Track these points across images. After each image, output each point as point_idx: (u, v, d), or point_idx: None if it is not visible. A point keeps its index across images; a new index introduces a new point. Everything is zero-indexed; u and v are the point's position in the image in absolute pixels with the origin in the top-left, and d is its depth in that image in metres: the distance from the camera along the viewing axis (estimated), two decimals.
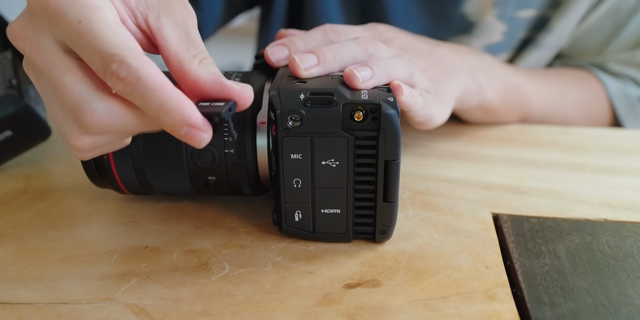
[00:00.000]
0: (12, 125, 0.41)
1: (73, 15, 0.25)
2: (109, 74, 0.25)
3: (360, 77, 0.31)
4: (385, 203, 0.32)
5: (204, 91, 0.27)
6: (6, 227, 0.36)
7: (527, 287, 0.30)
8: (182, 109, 0.25)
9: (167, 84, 0.25)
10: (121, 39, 0.25)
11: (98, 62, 0.25)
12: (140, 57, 0.25)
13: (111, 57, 0.25)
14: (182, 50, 0.27)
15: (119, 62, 0.25)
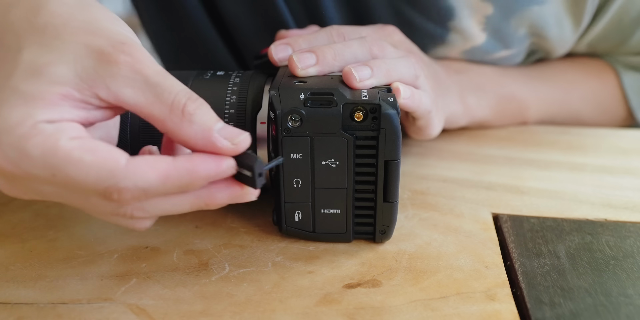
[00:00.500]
0: None
1: (43, 174, 0.23)
2: (116, 201, 0.24)
3: (358, 76, 0.31)
4: (385, 203, 0.32)
5: (197, 150, 0.26)
6: (6, 227, 0.36)
7: (527, 287, 0.30)
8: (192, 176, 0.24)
9: (161, 172, 0.24)
10: (101, 167, 0.23)
11: (96, 196, 0.24)
12: (130, 168, 0.24)
13: (107, 191, 0.24)
14: (154, 107, 0.25)
15: (116, 191, 0.24)
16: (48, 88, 0.24)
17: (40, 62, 0.24)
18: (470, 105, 0.48)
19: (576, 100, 0.53)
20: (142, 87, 0.25)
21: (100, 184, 0.23)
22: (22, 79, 0.24)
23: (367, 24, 0.41)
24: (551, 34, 0.48)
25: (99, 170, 0.23)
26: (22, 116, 0.23)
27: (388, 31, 0.41)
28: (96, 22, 0.26)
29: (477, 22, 0.46)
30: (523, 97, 0.51)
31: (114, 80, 0.24)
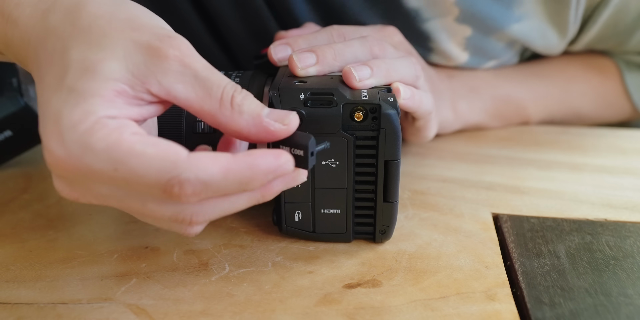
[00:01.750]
0: (12, 125, 0.41)
1: (106, 168, 0.23)
2: (176, 197, 0.24)
3: (357, 76, 0.31)
4: (385, 203, 0.32)
5: (251, 139, 0.26)
6: (6, 227, 0.36)
7: (527, 287, 0.30)
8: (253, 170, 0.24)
9: (222, 166, 0.24)
10: (163, 159, 0.23)
11: (157, 192, 0.24)
12: (191, 161, 0.23)
13: (168, 184, 0.23)
14: (204, 102, 0.25)
15: (177, 184, 0.23)
16: (104, 85, 0.24)
17: (92, 60, 0.24)
18: (461, 111, 0.48)
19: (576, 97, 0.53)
20: (192, 82, 0.25)
21: (162, 177, 0.23)
22: (77, 77, 0.24)
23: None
24: (536, 44, 0.48)
25: (162, 162, 0.23)
26: (84, 113, 0.23)
27: (388, 32, 0.41)
28: (138, 19, 0.26)
29: (457, 44, 0.46)
30: (519, 97, 0.51)
31: (165, 76, 0.24)
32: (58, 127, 0.23)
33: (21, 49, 0.27)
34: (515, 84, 0.51)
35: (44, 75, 0.25)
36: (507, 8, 0.44)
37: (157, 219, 0.26)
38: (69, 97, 0.24)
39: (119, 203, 0.25)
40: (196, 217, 0.25)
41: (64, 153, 0.23)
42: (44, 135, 0.24)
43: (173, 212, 0.25)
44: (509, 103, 0.50)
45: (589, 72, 0.53)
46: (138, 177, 0.23)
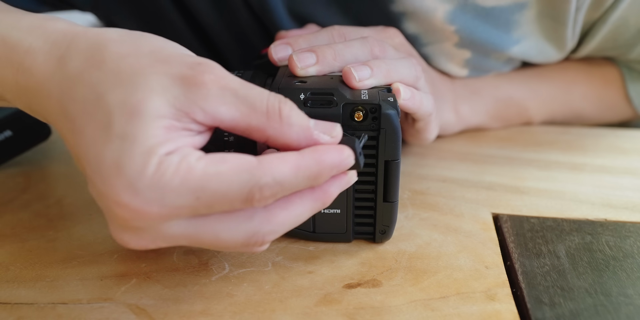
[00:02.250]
0: (12, 125, 0.41)
1: (188, 201, 0.23)
2: (256, 202, 0.24)
3: (357, 76, 0.31)
4: (385, 203, 0.32)
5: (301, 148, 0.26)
6: (6, 227, 0.36)
7: (527, 287, 0.30)
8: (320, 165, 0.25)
9: (293, 164, 0.24)
10: (239, 170, 0.23)
11: (239, 204, 0.24)
12: (264, 164, 0.24)
13: (250, 192, 0.23)
14: (251, 118, 0.25)
15: (258, 190, 0.23)
16: (153, 124, 0.23)
17: (132, 102, 0.23)
18: (463, 114, 0.48)
19: (578, 99, 0.53)
20: (234, 102, 0.24)
21: (244, 188, 0.23)
22: (124, 123, 0.23)
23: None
24: (535, 60, 0.48)
25: (239, 176, 0.23)
26: (145, 156, 0.23)
27: (389, 33, 0.41)
28: (163, 50, 0.25)
29: (456, 64, 0.47)
30: (522, 98, 0.51)
31: (207, 102, 0.24)
32: (125, 179, 0.23)
33: (40, 99, 0.26)
34: (517, 85, 0.51)
35: (82, 129, 0.24)
36: (506, 32, 0.44)
37: (230, 247, 0.25)
38: (123, 145, 0.23)
39: (191, 240, 0.25)
40: (268, 236, 0.25)
41: (141, 202, 0.23)
42: (110, 192, 0.23)
43: (246, 236, 0.25)
44: (511, 104, 0.50)
45: (590, 75, 0.53)
46: (221, 197, 0.23)
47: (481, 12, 0.43)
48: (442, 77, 0.47)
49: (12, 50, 0.26)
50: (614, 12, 0.45)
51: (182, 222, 0.24)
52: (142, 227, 0.24)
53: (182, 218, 0.24)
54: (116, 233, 0.25)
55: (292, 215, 0.26)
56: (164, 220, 0.24)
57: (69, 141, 0.25)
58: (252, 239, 0.25)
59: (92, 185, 0.24)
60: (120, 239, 0.25)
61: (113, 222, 0.25)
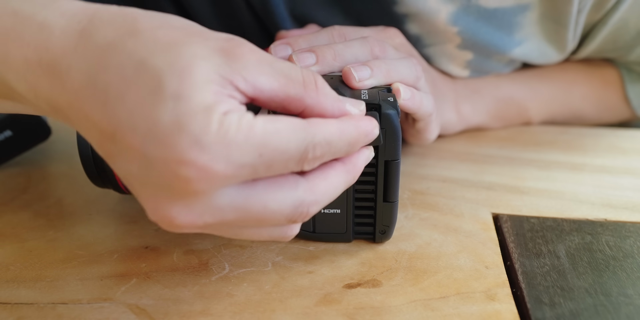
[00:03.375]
0: (12, 125, 0.41)
1: (251, 158, 0.23)
2: (308, 163, 0.24)
3: (357, 76, 0.31)
4: (385, 203, 0.32)
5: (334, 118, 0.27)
6: (6, 227, 0.36)
7: (527, 287, 0.30)
8: (359, 130, 0.26)
9: (337, 126, 0.25)
10: (294, 128, 0.23)
11: (294, 164, 0.24)
12: (313, 124, 0.24)
13: (305, 153, 0.24)
14: (289, 87, 0.25)
15: (312, 148, 0.24)
16: (206, 86, 0.23)
17: (182, 64, 0.23)
18: (464, 113, 0.48)
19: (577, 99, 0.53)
20: (271, 72, 0.24)
21: (301, 146, 0.23)
22: (177, 82, 0.22)
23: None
24: (535, 61, 0.49)
25: (295, 132, 0.23)
26: (205, 115, 0.22)
27: (389, 33, 0.41)
28: (193, 26, 0.25)
29: (457, 65, 0.47)
30: (522, 98, 0.51)
31: (248, 71, 0.24)
32: (190, 136, 0.22)
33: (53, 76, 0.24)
34: (517, 85, 0.51)
35: (121, 96, 0.23)
36: (508, 34, 0.45)
37: (276, 221, 0.25)
38: (180, 105, 0.22)
39: (239, 212, 0.24)
40: (312, 207, 0.25)
41: (208, 158, 0.22)
42: (173, 151, 0.22)
43: (292, 206, 0.25)
44: (511, 104, 0.51)
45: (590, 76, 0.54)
46: (280, 154, 0.23)
47: (484, 13, 0.43)
48: (443, 77, 0.47)
49: (23, 23, 0.25)
50: (615, 14, 0.45)
51: (234, 190, 0.24)
52: (199, 192, 0.23)
53: (238, 183, 0.24)
54: (163, 208, 0.23)
55: (331, 186, 0.26)
56: (226, 182, 0.23)
57: (96, 115, 0.23)
58: (299, 209, 0.25)
59: (138, 155, 0.23)
60: (167, 214, 0.23)
61: (164, 192, 0.23)
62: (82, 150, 0.33)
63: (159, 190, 0.23)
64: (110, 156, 0.24)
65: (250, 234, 0.26)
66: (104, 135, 0.23)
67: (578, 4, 0.43)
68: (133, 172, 0.23)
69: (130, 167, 0.23)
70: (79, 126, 0.25)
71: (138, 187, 0.24)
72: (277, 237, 0.27)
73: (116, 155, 0.23)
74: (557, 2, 0.43)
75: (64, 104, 0.24)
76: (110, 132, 0.23)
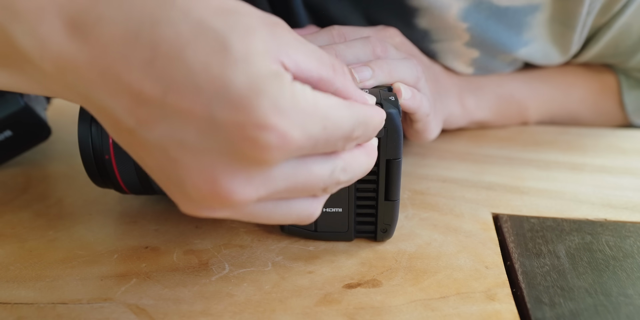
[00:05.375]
0: (12, 125, 0.41)
1: (318, 130, 0.22)
2: (350, 142, 0.24)
3: (358, 77, 0.31)
4: (386, 202, 0.32)
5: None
6: (6, 227, 0.36)
7: (527, 287, 0.30)
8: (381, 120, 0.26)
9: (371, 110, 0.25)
10: (344, 104, 0.23)
11: (342, 142, 0.24)
12: (354, 104, 0.24)
13: (351, 131, 0.24)
14: (321, 69, 0.24)
15: (357, 128, 0.24)
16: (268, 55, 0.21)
17: (242, 31, 0.21)
18: (469, 106, 0.48)
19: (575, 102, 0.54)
20: (308, 52, 0.23)
21: (351, 122, 0.24)
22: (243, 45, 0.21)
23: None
24: (538, 62, 0.49)
25: (347, 109, 0.24)
26: (278, 79, 0.21)
27: (389, 33, 0.41)
28: (225, 3, 0.23)
29: (463, 62, 0.47)
30: (522, 97, 0.51)
31: (290, 48, 0.23)
32: (269, 100, 0.20)
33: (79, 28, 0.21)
34: (519, 84, 0.51)
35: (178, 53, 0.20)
36: (517, 34, 0.45)
37: (314, 187, 0.24)
38: (252, 67, 0.20)
39: (289, 182, 0.23)
40: (342, 175, 0.25)
41: (288, 124, 0.21)
42: (251, 115, 0.20)
43: (331, 169, 0.24)
44: (512, 102, 0.51)
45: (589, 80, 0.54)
46: (338, 129, 0.23)
47: (495, 11, 0.43)
48: (446, 72, 0.48)
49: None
50: (620, 18, 0.45)
51: (291, 161, 0.23)
52: (270, 161, 0.21)
53: (308, 150, 0.23)
54: (221, 179, 0.21)
55: (357, 162, 0.26)
56: (295, 153, 0.22)
57: (134, 75, 0.21)
58: (334, 174, 0.25)
59: (201, 118, 0.21)
60: (225, 187, 0.21)
61: (228, 161, 0.21)
62: (84, 149, 0.33)
63: (222, 159, 0.21)
64: (146, 124, 0.21)
65: (281, 213, 0.25)
66: (143, 98, 0.21)
67: (588, 6, 0.43)
68: (184, 138, 0.21)
69: (181, 133, 0.21)
70: (96, 91, 0.21)
71: (186, 155, 0.21)
72: (304, 215, 0.26)
73: (158, 121, 0.21)
74: (568, 4, 0.43)
75: (83, 62, 0.21)
76: (156, 92, 0.20)
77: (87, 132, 0.33)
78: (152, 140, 0.21)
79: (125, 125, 0.21)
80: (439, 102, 0.43)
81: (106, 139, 0.33)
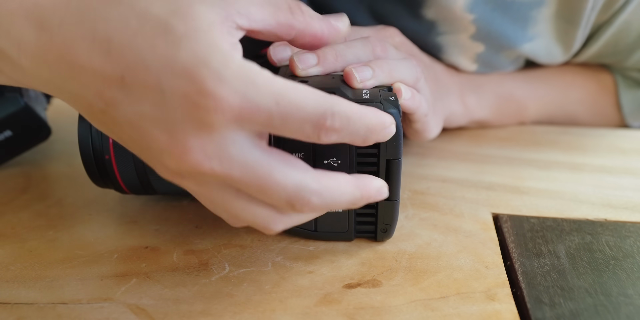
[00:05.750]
0: (12, 125, 0.41)
1: (268, 103, 0.23)
2: (324, 131, 0.24)
3: (358, 77, 0.31)
4: (386, 202, 0.32)
5: (324, 41, 0.28)
6: (6, 227, 0.36)
7: (527, 287, 0.30)
8: (379, 119, 0.26)
9: (359, 107, 0.25)
10: (316, 92, 0.24)
11: (310, 127, 0.24)
12: (335, 98, 0.24)
13: (322, 116, 0.24)
14: (278, 15, 0.26)
15: (330, 116, 0.24)
16: (212, 28, 0.23)
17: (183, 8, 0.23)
18: (470, 105, 0.48)
19: (573, 102, 0.54)
20: (260, 3, 0.25)
21: (320, 107, 0.24)
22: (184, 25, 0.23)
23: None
24: (541, 60, 0.49)
25: (316, 94, 0.24)
26: (225, 52, 0.23)
27: (389, 33, 0.41)
28: None
29: (467, 58, 0.47)
30: (522, 96, 0.51)
31: (239, 4, 0.24)
32: (210, 70, 0.22)
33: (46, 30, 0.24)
34: (519, 83, 0.51)
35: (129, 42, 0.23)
36: (522, 28, 0.45)
37: (274, 195, 0.25)
38: (194, 43, 0.23)
39: (245, 168, 0.24)
40: (314, 198, 0.25)
41: (227, 90, 0.22)
42: (194, 83, 0.22)
43: (295, 187, 0.24)
44: (511, 102, 0.51)
45: (587, 80, 0.54)
46: (298, 110, 0.23)
47: (501, 4, 0.43)
48: (447, 71, 0.48)
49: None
50: (621, 15, 0.45)
51: (247, 142, 0.24)
52: (215, 126, 0.23)
53: (253, 133, 0.24)
54: (177, 140, 0.23)
55: (337, 189, 0.25)
56: (240, 121, 0.23)
57: (96, 64, 0.23)
58: (301, 193, 0.24)
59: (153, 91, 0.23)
60: (182, 146, 0.23)
61: (180, 125, 0.23)
62: (84, 149, 0.33)
63: (177, 127, 0.23)
64: (113, 104, 0.24)
65: (239, 208, 0.25)
66: (107, 83, 0.23)
67: (593, 1, 0.43)
68: (144, 111, 0.23)
69: (141, 107, 0.23)
70: (69, 82, 0.24)
71: (149, 126, 0.24)
72: (261, 223, 0.26)
73: (122, 99, 0.23)
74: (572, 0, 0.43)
75: (53, 57, 0.24)
76: (116, 76, 0.23)
77: (87, 132, 0.33)
78: (121, 117, 0.24)
79: (97, 108, 0.24)
80: (440, 101, 0.43)
81: (106, 139, 0.33)
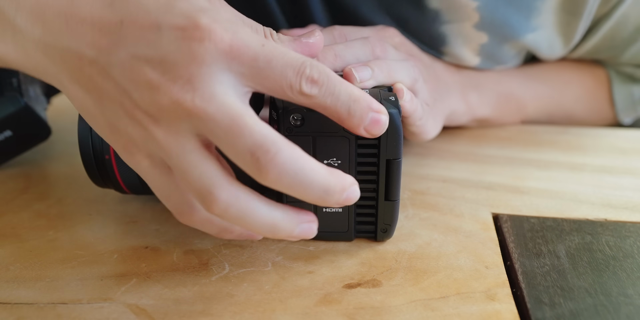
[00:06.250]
0: (12, 125, 0.41)
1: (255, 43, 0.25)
2: (305, 79, 0.25)
3: (358, 77, 0.31)
4: (386, 202, 0.32)
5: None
6: (6, 227, 0.36)
7: (527, 287, 0.30)
8: (365, 95, 0.26)
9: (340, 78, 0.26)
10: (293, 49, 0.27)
11: (291, 72, 0.25)
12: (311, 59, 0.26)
13: (303, 65, 0.25)
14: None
15: (309, 66, 0.25)
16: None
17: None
18: (472, 102, 0.48)
19: (571, 100, 0.54)
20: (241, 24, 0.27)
21: (299, 58, 0.25)
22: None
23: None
24: (542, 53, 0.49)
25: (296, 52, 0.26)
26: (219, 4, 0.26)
27: (389, 33, 0.41)
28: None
29: (471, 49, 0.47)
30: (521, 95, 0.51)
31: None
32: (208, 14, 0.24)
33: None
34: (518, 82, 0.51)
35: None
36: (526, 18, 0.45)
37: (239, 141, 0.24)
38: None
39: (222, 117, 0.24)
40: (281, 155, 0.24)
41: (219, 26, 0.24)
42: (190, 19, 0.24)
43: (265, 135, 0.24)
44: (511, 100, 0.51)
45: (583, 77, 0.55)
46: (281, 53, 0.25)
47: None
48: (448, 69, 0.47)
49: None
50: (620, 8, 0.45)
51: (232, 87, 0.25)
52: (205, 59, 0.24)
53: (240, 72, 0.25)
54: (172, 72, 0.24)
55: (308, 160, 0.25)
56: (229, 58, 0.24)
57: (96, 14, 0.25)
58: (266, 144, 0.24)
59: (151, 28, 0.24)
60: (172, 78, 0.24)
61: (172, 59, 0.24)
62: (84, 149, 0.33)
63: (167, 57, 0.24)
64: (107, 49, 0.25)
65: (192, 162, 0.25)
66: (103, 30, 0.25)
67: None
68: (138, 51, 0.24)
69: (135, 48, 0.24)
70: (61, 35, 0.26)
71: (142, 65, 0.24)
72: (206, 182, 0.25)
73: (117, 43, 0.25)
74: None
75: (52, 13, 0.26)
76: (114, 22, 0.25)
77: (87, 132, 0.33)
78: (114, 62, 0.25)
79: (87, 59, 0.25)
80: (440, 100, 0.43)
81: None
